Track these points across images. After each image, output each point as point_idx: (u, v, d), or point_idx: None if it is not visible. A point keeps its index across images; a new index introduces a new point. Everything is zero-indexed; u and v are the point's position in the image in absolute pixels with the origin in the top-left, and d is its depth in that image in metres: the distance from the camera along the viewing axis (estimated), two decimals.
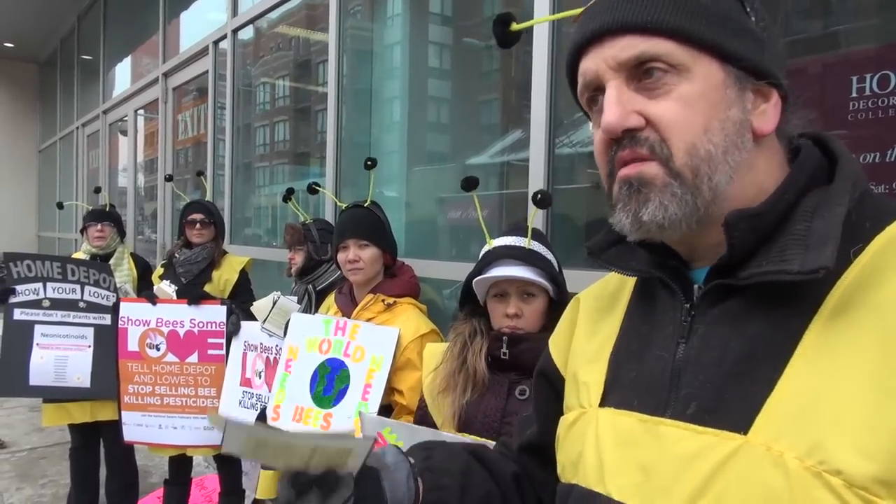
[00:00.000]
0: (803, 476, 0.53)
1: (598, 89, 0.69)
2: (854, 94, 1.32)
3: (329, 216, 3.06)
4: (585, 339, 0.83)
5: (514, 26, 0.78)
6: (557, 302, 1.48)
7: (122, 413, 2.77)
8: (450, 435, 1.32)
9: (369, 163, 2.06)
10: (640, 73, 0.65)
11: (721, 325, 0.65)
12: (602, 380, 0.76)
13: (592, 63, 0.68)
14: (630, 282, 0.81)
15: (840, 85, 1.35)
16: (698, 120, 0.63)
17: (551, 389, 0.87)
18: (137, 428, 2.77)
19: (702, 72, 0.64)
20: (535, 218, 1.98)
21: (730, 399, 0.61)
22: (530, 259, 1.46)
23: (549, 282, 1.46)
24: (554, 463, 0.81)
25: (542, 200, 1.50)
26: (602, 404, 0.74)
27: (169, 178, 3.95)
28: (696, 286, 0.69)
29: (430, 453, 0.88)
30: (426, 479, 0.83)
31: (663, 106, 0.64)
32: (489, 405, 1.46)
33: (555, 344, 0.90)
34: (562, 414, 0.82)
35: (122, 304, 2.77)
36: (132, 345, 2.74)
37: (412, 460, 0.84)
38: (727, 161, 0.64)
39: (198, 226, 2.93)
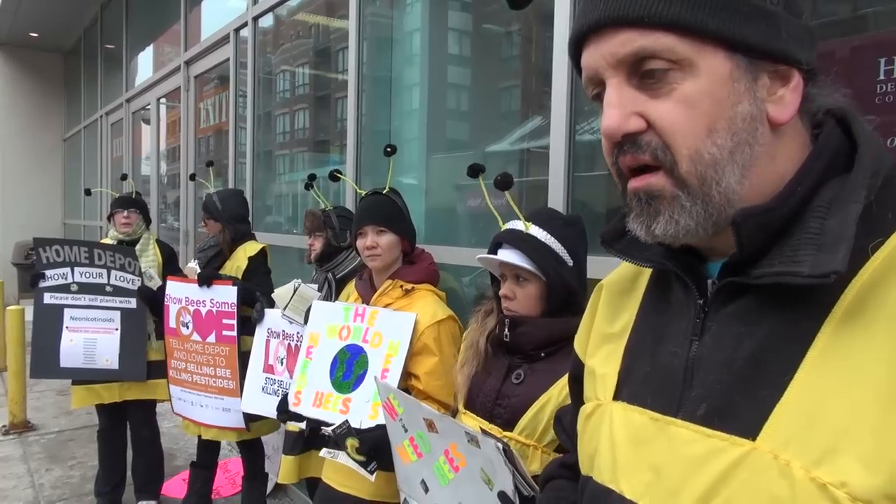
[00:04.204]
0: (808, 487, 0.52)
1: (601, 83, 0.65)
2: (882, 77, 1.30)
3: (349, 204, 3.08)
4: (605, 323, 0.82)
5: None
6: (554, 288, 1.47)
7: (170, 387, 2.90)
8: (435, 412, 1.38)
9: (389, 149, 2.07)
10: (641, 68, 0.60)
11: (733, 325, 0.62)
12: (617, 370, 0.75)
13: (592, 59, 0.64)
14: (647, 269, 0.80)
15: (867, 67, 1.32)
16: (702, 122, 0.59)
17: (581, 386, 0.86)
18: (179, 402, 2.88)
19: (707, 65, 0.59)
20: (556, 204, 1.98)
21: (739, 402, 0.59)
22: (520, 244, 1.48)
23: (535, 267, 1.46)
24: None
25: (500, 182, 1.52)
26: (615, 397, 0.73)
27: (192, 178, 4.03)
28: (709, 281, 0.67)
29: None
30: None
31: (665, 108, 0.60)
32: (489, 385, 1.51)
33: (578, 338, 0.89)
34: None
35: (168, 283, 2.88)
36: (171, 321, 2.84)
37: None
38: (735, 161, 0.60)
39: (202, 222, 3.13)
